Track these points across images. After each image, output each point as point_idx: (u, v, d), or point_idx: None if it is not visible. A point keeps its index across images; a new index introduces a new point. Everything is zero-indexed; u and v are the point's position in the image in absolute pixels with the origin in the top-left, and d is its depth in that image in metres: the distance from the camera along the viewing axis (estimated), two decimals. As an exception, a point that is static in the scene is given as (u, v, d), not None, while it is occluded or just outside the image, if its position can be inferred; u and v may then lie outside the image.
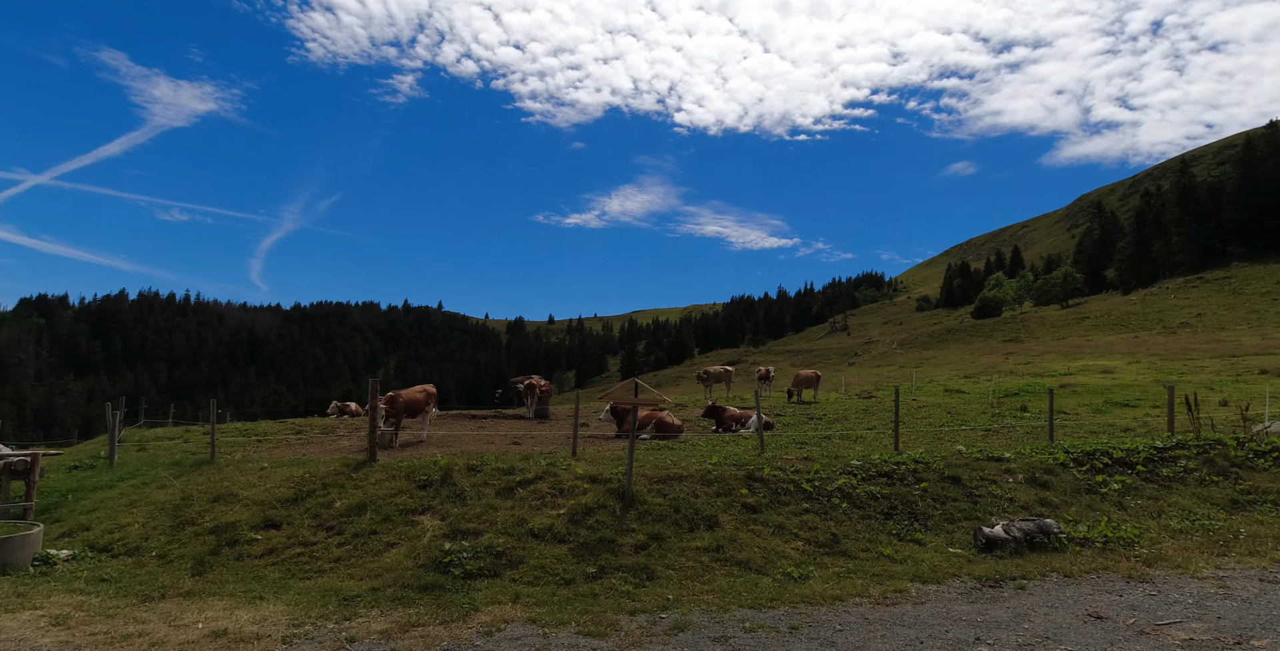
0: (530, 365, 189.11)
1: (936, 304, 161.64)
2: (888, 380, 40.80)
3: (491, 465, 8.63)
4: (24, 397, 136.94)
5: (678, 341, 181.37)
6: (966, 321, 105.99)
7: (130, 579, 6.54)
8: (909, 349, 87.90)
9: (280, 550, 7.06)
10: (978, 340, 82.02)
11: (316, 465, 8.97)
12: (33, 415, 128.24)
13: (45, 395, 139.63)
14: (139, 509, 8.31)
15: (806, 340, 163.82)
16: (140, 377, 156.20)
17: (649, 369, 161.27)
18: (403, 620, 5.32)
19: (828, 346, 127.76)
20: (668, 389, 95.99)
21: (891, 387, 32.23)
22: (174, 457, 11.08)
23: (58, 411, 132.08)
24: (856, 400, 24.38)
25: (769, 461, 9.44)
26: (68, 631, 5.06)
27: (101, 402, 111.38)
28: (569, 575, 6.50)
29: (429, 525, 7.38)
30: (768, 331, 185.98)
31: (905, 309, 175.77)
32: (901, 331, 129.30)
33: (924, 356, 71.35)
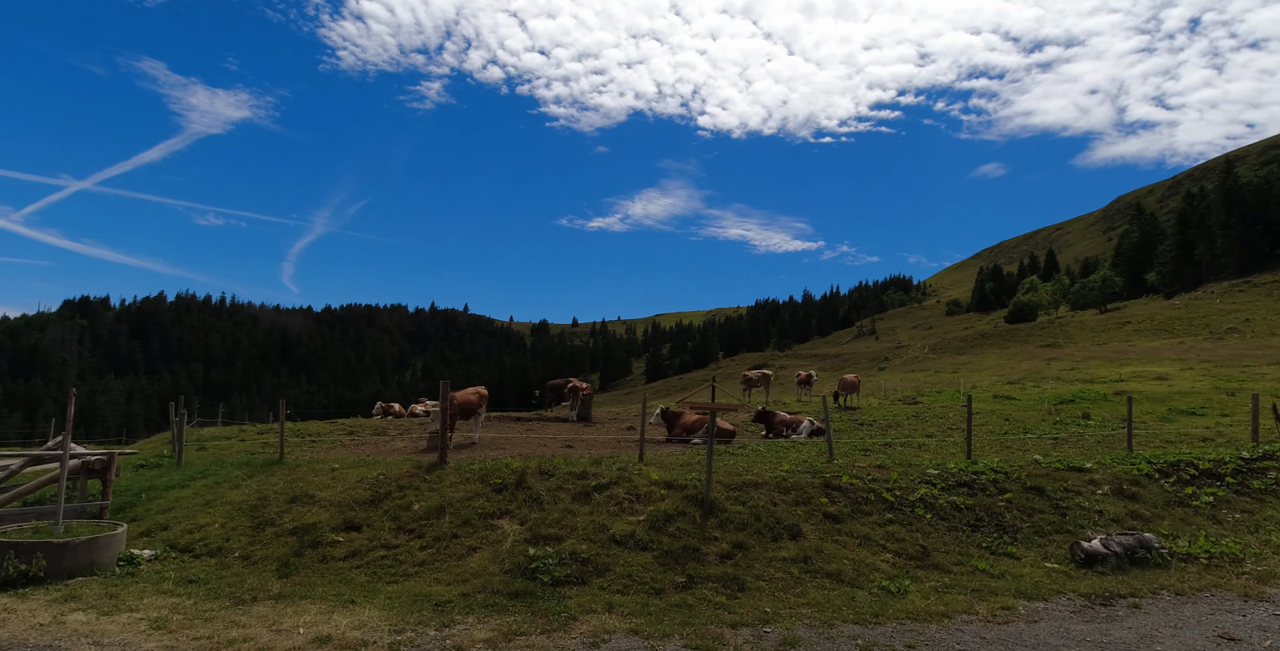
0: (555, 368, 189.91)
1: (968, 308, 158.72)
2: (926, 385, 39.99)
3: (563, 469, 8.49)
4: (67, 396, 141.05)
5: (702, 345, 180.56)
6: (1001, 326, 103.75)
7: (218, 580, 6.52)
8: (941, 353, 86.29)
9: (363, 552, 6.99)
10: (1014, 345, 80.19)
11: (389, 467, 8.93)
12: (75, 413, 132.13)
13: (87, 394, 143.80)
14: (216, 509, 8.33)
15: (833, 344, 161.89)
16: (178, 377, 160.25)
17: (674, 372, 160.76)
18: (504, 629, 5.18)
19: (856, 350, 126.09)
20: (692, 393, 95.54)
21: (933, 392, 31.57)
22: (240, 457, 11.17)
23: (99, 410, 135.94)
24: (901, 406, 23.85)
25: (843, 469, 9.17)
26: (170, 635, 5.01)
27: (141, 401, 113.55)
28: (658, 584, 6.31)
29: (509, 529, 7.26)
30: (793, 335, 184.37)
31: (935, 313, 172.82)
32: (932, 336, 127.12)
33: (959, 361, 69.94)
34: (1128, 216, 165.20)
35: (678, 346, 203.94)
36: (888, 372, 71.52)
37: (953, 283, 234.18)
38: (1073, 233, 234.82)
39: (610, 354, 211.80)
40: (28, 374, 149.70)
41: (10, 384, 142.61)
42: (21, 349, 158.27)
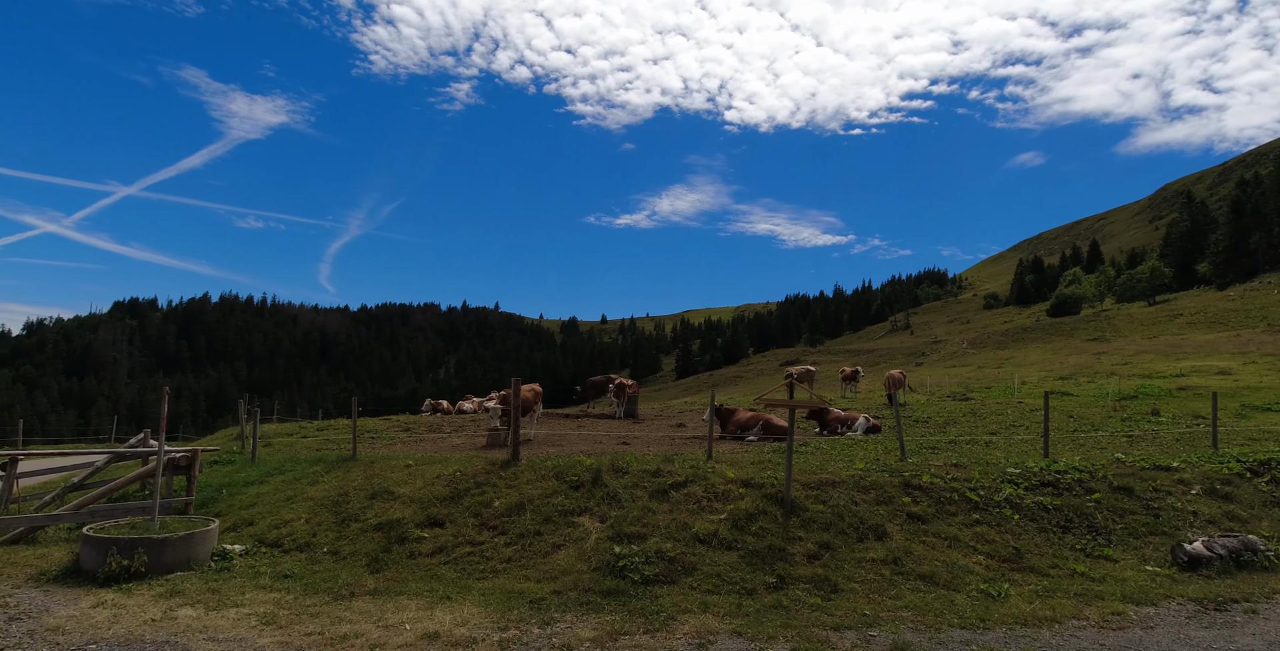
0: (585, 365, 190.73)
1: (1006, 301, 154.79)
2: (971, 381, 39.07)
3: (636, 467, 8.44)
4: (119, 394, 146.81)
5: (732, 341, 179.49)
6: (1043, 319, 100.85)
7: (312, 575, 6.62)
8: (981, 348, 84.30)
9: (449, 549, 7.04)
10: (1058, 339, 77.95)
11: (463, 464, 8.99)
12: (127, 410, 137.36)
13: (138, 392, 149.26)
14: (298, 505, 8.49)
15: (866, 339, 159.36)
16: (223, 375, 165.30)
17: (704, 369, 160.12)
18: (607, 628, 5.14)
19: (890, 345, 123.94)
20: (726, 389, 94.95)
21: (981, 388, 30.77)
22: (311, 454, 11.39)
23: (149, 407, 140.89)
24: (951, 402, 23.28)
25: (919, 468, 8.94)
26: (281, 631, 5.08)
27: (189, 399, 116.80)
28: (748, 584, 6.21)
29: (590, 527, 7.23)
30: (825, 330, 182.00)
31: (971, 307, 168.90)
32: (969, 330, 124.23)
33: (1001, 356, 68.19)
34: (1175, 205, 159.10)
35: (707, 343, 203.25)
36: (925, 368, 70.12)
37: (989, 276, 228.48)
38: (1116, 222, 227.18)
39: (640, 351, 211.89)
40: (81, 373, 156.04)
41: (65, 382, 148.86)
42: (75, 349, 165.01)
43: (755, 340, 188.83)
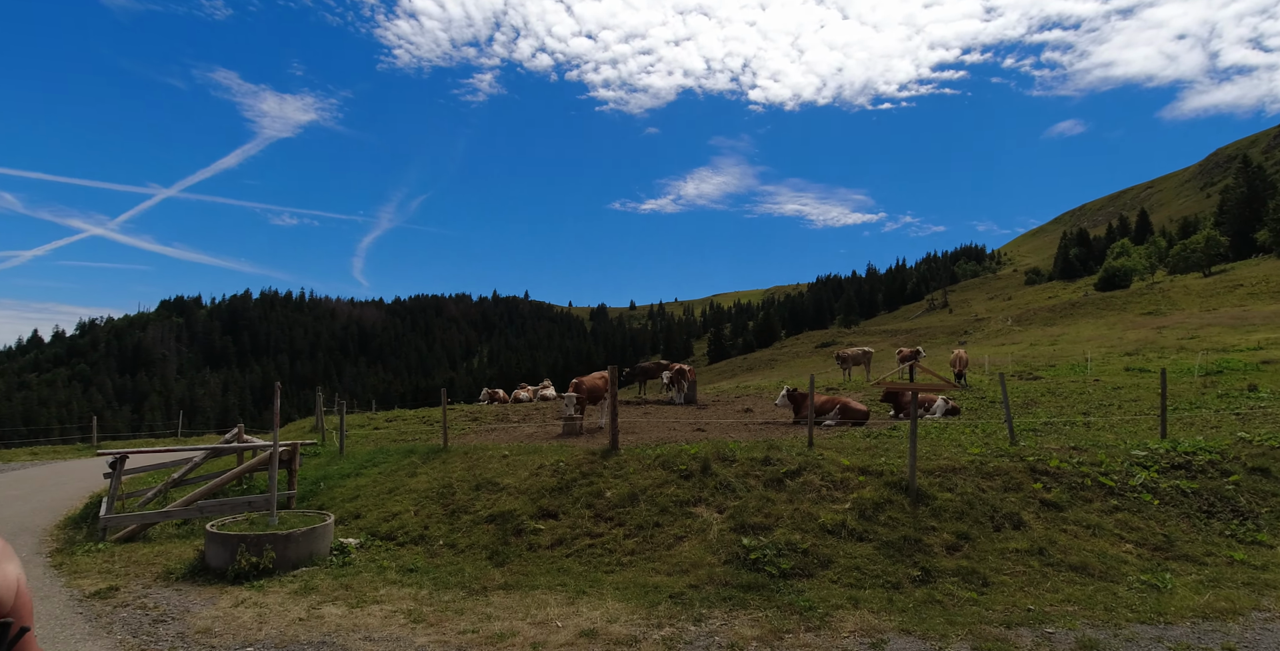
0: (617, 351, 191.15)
1: (1050, 276, 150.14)
2: (1028, 359, 37.84)
3: (742, 455, 8.17)
4: (170, 389, 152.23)
5: (764, 324, 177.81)
6: (1092, 294, 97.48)
7: (436, 569, 6.53)
8: (1028, 325, 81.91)
9: (568, 541, 6.88)
10: (1110, 314, 75.27)
11: (563, 454, 8.83)
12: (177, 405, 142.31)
13: (187, 387, 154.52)
14: (402, 497, 8.44)
15: (902, 319, 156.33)
16: (266, 369, 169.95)
17: (737, 352, 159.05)
18: (767, 625, 4.91)
19: (929, 324, 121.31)
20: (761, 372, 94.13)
21: (1045, 367, 29.72)
22: (396, 445, 11.39)
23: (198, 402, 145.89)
24: (1019, 382, 22.48)
25: (1039, 452, 8.50)
26: (434, 629, 4.97)
27: (235, 393, 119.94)
28: (891, 578, 5.92)
29: (708, 517, 7.00)
30: (859, 311, 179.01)
31: (1012, 283, 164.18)
32: (1012, 307, 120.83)
33: (1051, 333, 66.08)
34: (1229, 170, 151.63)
35: (738, 326, 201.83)
36: (972, 346, 68.31)
37: (1030, 250, 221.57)
38: (1165, 191, 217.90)
39: (671, 336, 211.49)
40: (133, 370, 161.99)
41: (118, 379, 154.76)
42: (126, 347, 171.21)
43: (787, 322, 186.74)
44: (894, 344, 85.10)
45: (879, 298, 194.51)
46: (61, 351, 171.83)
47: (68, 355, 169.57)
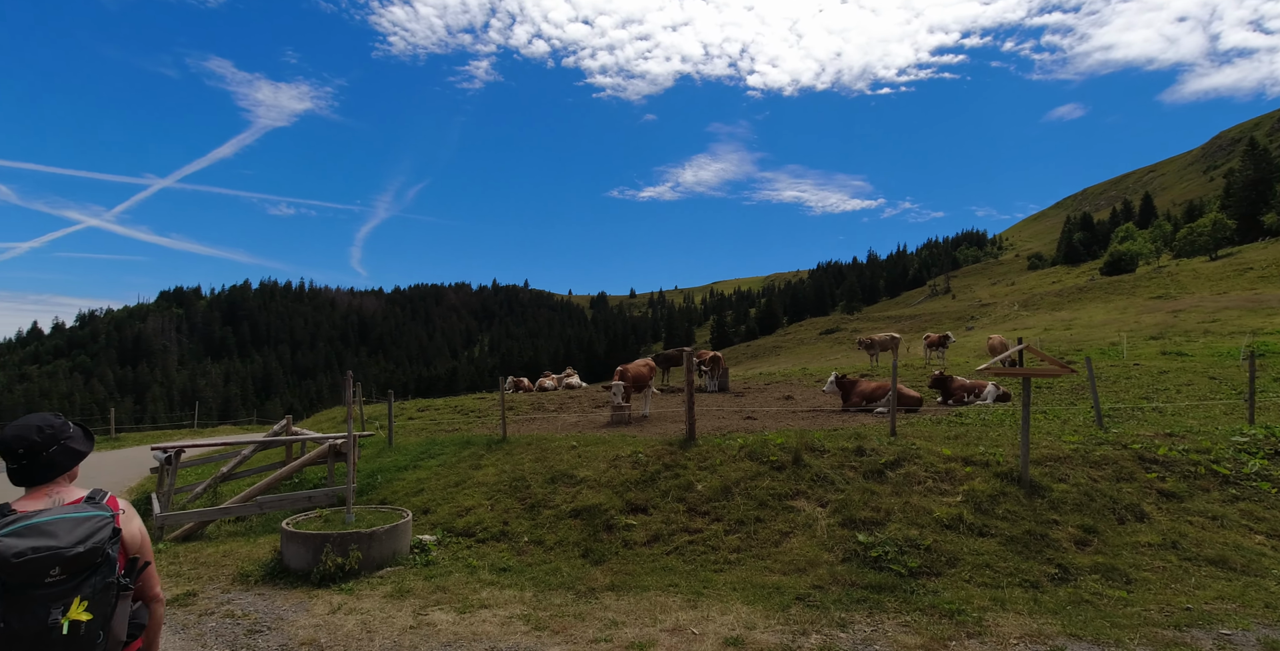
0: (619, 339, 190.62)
1: (1053, 261, 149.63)
2: (1046, 344, 37.48)
3: (830, 445, 7.77)
4: (171, 380, 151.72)
5: (766, 311, 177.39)
6: (1098, 279, 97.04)
7: (530, 569, 6.14)
8: (1035, 310, 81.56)
9: (665, 537, 6.49)
10: (1118, 298, 74.90)
11: (637, 445, 8.42)
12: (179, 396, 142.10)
13: (189, 378, 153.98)
14: (471, 490, 8.03)
15: (904, 305, 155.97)
16: (268, 359, 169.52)
17: (739, 340, 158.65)
18: (926, 633, 4.52)
19: (933, 310, 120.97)
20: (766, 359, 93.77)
21: (1072, 352, 29.35)
22: (447, 435, 10.97)
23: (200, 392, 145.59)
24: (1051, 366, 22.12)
25: (1138, 439, 8.11)
26: (561, 637, 4.58)
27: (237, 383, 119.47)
28: (1028, 576, 5.54)
29: (811, 511, 6.61)
30: (861, 297, 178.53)
31: (1014, 268, 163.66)
32: (1016, 292, 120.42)
33: (1061, 317, 65.72)
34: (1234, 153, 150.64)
35: (740, 313, 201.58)
36: (979, 332, 68.00)
37: (1032, 235, 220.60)
38: (1168, 174, 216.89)
39: (672, 323, 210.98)
40: (134, 361, 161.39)
41: (119, 371, 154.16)
42: (127, 339, 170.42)
43: (789, 309, 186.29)
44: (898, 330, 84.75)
45: (880, 284, 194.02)
46: (62, 343, 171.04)
47: (68, 347, 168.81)
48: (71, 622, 1.90)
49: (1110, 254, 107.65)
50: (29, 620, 1.86)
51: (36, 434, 2.15)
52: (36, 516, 1.99)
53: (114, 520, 2.10)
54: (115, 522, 2.10)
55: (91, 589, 1.96)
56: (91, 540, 1.98)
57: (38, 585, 1.89)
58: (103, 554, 2.00)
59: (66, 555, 1.92)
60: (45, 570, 1.89)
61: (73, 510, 2.05)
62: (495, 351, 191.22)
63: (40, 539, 1.92)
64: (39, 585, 1.89)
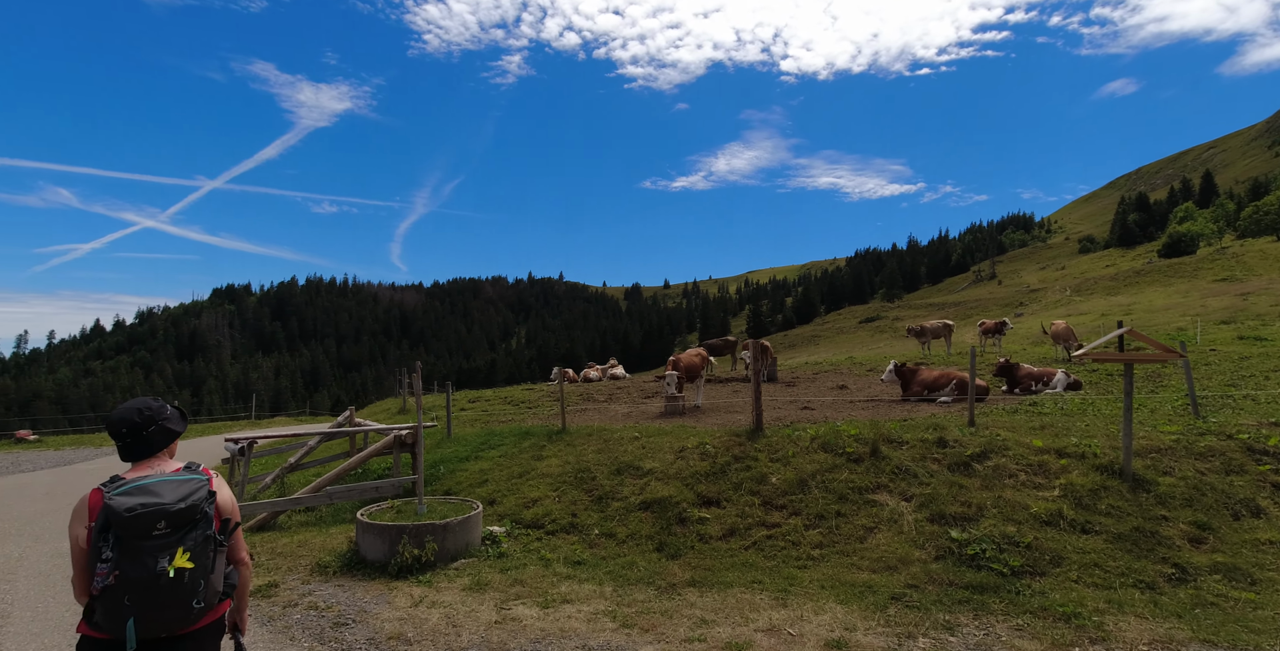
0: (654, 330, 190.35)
1: (1106, 244, 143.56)
2: (1102, 329, 35.92)
3: (908, 436, 7.44)
4: (225, 374, 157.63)
5: (803, 300, 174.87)
6: (1156, 261, 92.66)
7: (605, 562, 6.01)
8: (1089, 295, 78.40)
9: (741, 531, 6.29)
10: (1178, 281, 71.45)
11: (703, 435, 8.23)
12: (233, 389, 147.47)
13: (241, 371, 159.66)
14: (535, 481, 7.95)
15: (948, 292, 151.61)
16: (315, 353, 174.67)
17: (776, 329, 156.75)
18: (1045, 639, 4.22)
19: (979, 297, 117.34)
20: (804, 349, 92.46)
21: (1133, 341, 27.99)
22: (506, 426, 10.96)
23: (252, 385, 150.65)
24: (1118, 352, 21.07)
25: (1242, 428, 7.55)
26: (652, 635, 4.42)
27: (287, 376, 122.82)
28: (1142, 576, 5.16)
29: (895, 506, 6.31)
30: (901, 284, 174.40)
31: (1064, 251, 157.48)
32: (1066, 277, 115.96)
33: (1118, 302, 62.99)
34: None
35: (776, 302, 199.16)
36: (1029, 318, 65.67)
37: (1082, 217, 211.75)
38: (1229, 150, 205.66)
39: (707, 313, 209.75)
40: (190, 356, 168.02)
41: (177, 365, 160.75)
42: (183, 334, 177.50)
43: (826, 298, 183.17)
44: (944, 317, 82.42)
45: (921, 270, 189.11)
46: (123, 339, 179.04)
47: (129, 343, 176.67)
48: (176, 569, 2.13)
49: (1169, 235, 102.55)
50: (140, 568, 2.09)
51: (137, 415, 2.40)
52: (141, 480, 2.25)
53: (209, 483, 2.35)
54: (210, 486, 2.35)
55: (193, 542, 2.19)
56: (190, 498, 2.23)
57: (146, 537, 2.12)
58: (201, 511, 2.24)
59: (170, 510, 2.16)
60: (153, 524, 2.13)
61: (173, 475, 2.32)
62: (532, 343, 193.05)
63: (147, 497, 2.17)
64: (147, 537, 2.13)
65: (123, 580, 2.08)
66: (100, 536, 2.12)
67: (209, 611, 2.28)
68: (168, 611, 2.14)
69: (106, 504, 2.14)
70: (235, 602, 2.51)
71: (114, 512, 2.11)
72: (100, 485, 2.24)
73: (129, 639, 2.09)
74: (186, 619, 2.19)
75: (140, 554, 2.10)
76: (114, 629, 2.10)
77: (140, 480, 2.24)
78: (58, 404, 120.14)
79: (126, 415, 2.39)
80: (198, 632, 2.28)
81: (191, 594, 2.17)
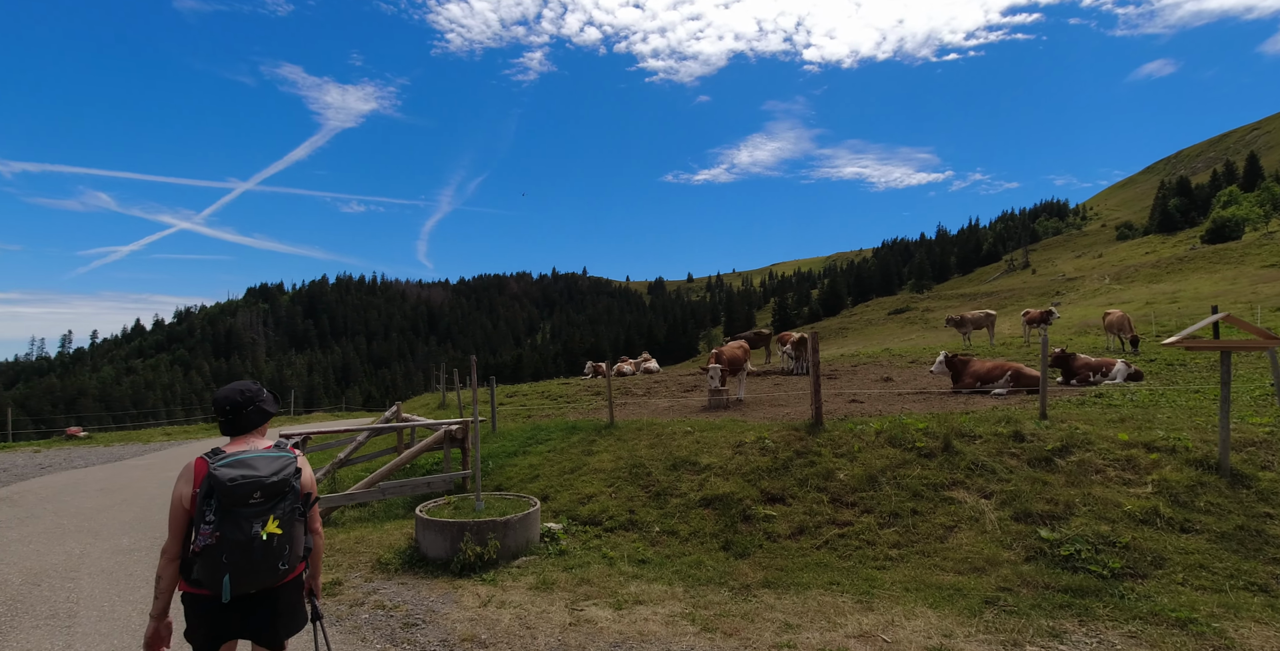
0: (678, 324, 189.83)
1: (1145, 230, 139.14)
2: (1154, 318, 34.70)
3: (984, 430, 7.10)
4: (260, 371, 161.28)
5: (830, 291, 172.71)
6: (1200, 247, 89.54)
7: (672, 561, 5.82)
8: (1129, 283, 76.06)
9: (811, 530, 6.04)
10: (1224, 268, 68.93)
11: (759, 430, 7.98)
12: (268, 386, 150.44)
13: (276, 368, 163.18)
14: (589, 477, 7.80)
15: (979, 282, 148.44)
16: (346, 350, 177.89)
17: (802, 322, 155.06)
18: (1167, 648, 3.91)
19: (1012, 286, 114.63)
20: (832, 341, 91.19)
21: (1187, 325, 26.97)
22: (550, 421, 10.84)
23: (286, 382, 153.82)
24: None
25: (1343, 420, 7.07)
26: (736, 640, 4.22)
27: (320, 372, 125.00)
28: (1254, 578, 4.79)
29: (974, 504, 6.01)
30: (931, 275, 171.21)
31: (1100, 239, 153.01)
32: (1104, 264, 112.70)
33: (1161, 290, 60.96)
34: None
35: (801, 295, 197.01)
36: (1067, 308, 63.81)
37: (1119, 203, 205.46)
38: (1274, 132, 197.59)
39: (732, 306, 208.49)
40: (227, 354, 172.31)
41: (214, 363, 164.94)
42: (220, 333, 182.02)
43: (853, 290, 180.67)
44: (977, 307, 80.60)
45: (951, 260, 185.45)
46: (162, 338, 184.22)
47: (168, 341, 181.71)
48: (268, 534, 2.43)
49: (1213, 220, 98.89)
50: (237, 531, 2.38)
51: (239, 395, 2.70)
52: (241, 455, 2.53)
53: (296, 461, 2.63)
54: (297, 463, 2.63)
55: (282, 511, 2.49)
56: (282, 473, 2.52)
57: (243, 505, 2.41)
58: (289, 485, 2.54)
59: (265, 482, 2.45)
60: (250, 493, 2.42)
61: (266, 452, 2.60)
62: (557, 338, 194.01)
63: (246, 470, 2.46)
64: (244, 505, 2.41)
65: (222, 541, 2.37)
66: (205, 501, 2.41)
67: (290, 572, 2.56)
68: (259, 570, 2.42)
69: (211, 473, 2.43)
70: (310, 568, 2.79)
71: (218, 481, 2.40)
72: (204, 455, 2.53)
73: (224, 592, 2.37)
74: (274, 577, 2.49)
75: (238, 519, 2.40)
76: (212, 584, 2.37)
77: (240, 454, 2.53)
78: (101, 401, 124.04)
79: (230, 394, 2.69)
80: (281, 589, 2.60)
81: (279, 556, 2.47)
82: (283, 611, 2.59)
